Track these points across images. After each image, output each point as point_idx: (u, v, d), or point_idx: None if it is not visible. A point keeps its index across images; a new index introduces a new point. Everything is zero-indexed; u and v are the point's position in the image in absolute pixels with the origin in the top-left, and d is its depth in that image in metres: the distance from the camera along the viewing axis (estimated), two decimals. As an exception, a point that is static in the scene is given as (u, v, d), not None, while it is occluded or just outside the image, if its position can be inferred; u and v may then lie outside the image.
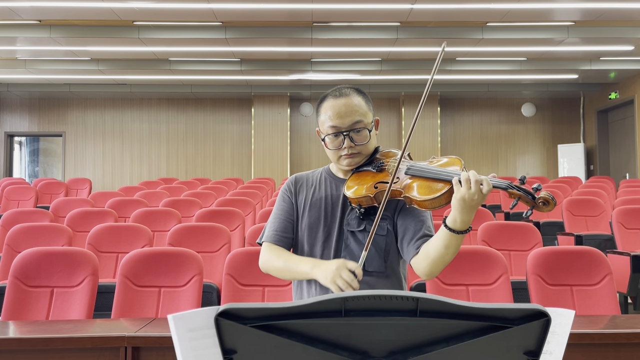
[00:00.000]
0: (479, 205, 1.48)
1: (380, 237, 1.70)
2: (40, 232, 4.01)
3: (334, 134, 1.71)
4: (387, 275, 1.71)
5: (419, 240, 1.65)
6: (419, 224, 1.68)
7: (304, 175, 1.88)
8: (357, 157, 1.74)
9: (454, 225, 1.51)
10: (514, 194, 1.48)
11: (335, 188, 1.79)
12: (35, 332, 1.98)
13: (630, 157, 11.27)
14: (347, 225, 1.72)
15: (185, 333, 0.84)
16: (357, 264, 1.54)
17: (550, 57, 9.42)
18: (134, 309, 2.74)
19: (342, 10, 7.25)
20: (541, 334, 0.84)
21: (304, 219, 1.78)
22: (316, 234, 1.75)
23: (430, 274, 1.62)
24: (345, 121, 1.70)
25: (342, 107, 1.71)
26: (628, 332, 1.95)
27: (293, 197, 1.82)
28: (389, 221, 1.72)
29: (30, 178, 14.50)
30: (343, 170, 1.80)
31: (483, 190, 1.45)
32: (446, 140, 12.90)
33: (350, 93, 1.74)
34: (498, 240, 4.01)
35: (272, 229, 1.79)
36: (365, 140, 1.73)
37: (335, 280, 1.52)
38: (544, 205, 1.46)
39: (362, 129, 1.72)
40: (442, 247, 1.54)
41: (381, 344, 0.84)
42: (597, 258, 2.88)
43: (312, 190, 1.81)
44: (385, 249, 1.71)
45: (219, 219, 4.68)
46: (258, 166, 12.38)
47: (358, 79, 10.93)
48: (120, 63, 9.79)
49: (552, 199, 1.45)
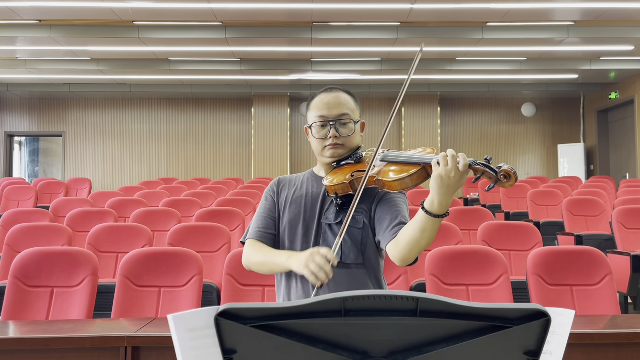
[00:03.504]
0: (457, 186, 1.48)
1: (357, 230, 1.74)
2: (40, 232, 4.01)
3: (321, 124, 1.78)
4: (365, 267, 1.75)
5: (396, 227, 1.68)
6: (394, 213, 1.72)
7: (287, 177, 1.94)
8: (341, 149, 1.79)
9: (431, 208, 1.51)
10: (478, 169, 1.51)
11: (317, 186, 1.84)
12: (35, 332, 1.98)
13: (631, 157, 11.27)
14: (325, 219, 1.77)
15: (185, 333, 0.84)
16: (330, 249, 1.56)
17: (550, 57, 9.42)
18: (134, 309, 2.74)
19: (342, 10, 7.24)
20: (541, 334, 0.84)
21: (285, 215, 1.83)
22: (296, 230, 1.79)
23: (404, 259, 1.62)
24: (333, 112, 1.78)
25: (332, 99, 1.79)
26: (628, 332, 1.95)
27: (275, 196, 1.88)
28: (366, 214, 1.76)
29: (30, 178, 14.50)
30: (325, 170, 1.85)
31: (460, 165, 1.46)
32: (446, 140, 12.90)
33: (339, 91, 1.83)
34: (498, 240, 4.01)
35: (256, 227, 1.85)
36: (350, 133, 1.78)
37: (308, 264, 1.54)
38: (506, 179, 1.48)
39: (348, 122, 1.79)
40: (418, 230, 1.54)
41: (381, 344, 0.84)
42: (597, 258, 2.88)
43: (294, 189, 1.87)
44: (362, 241, 1.74)
45: (219, 219, 4.68)
46: (258, 166, 12.38)
47: (358, 79, 10.93)
48: (120, 63, 9.79)
49: (513, 172, 1.47)
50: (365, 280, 1.74)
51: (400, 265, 1.66)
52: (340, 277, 1.70)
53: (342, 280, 1.70)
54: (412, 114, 12.43)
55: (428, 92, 12.03)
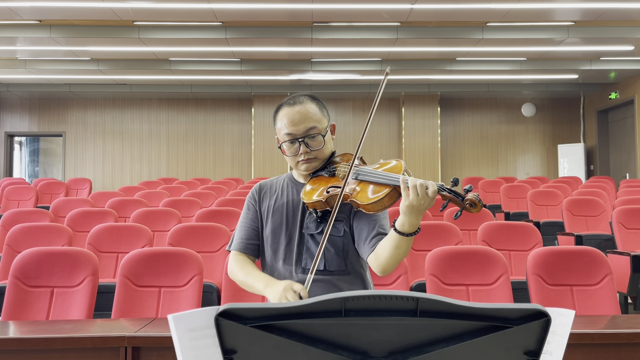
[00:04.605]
0: (426, 210, 1.54)
1: (338, 238, 1.78)
2: (40, 232, 4.01)
3: (290, 141, 1.79)
4: (348, 272, 1.79)
5: (374, 239, 1.72)
6: (372, 224, 1.75)
7: (267, 182, 1.96)
8: (314, 161, 1.82)
9: (402, 229, 1.57)
10: (445, 196, 1.55)
11: (296, 193, 1.87)
12: (35, 332, 1.98)
13: (630, 157, 11.27)
14: (307, 228, 1.80)
15: (185, 333, 0.84)
16: (302, 286, 1.61)
17: (550, 57, 9.42)
18: (134, 309, 2.74)
19: (342, 10, 7.24)
20: (541, 334, 0.84)
21: (268, 225, 1.86)
22: (279, 239, 1.83)
23: (384, 271, 1.68)
24: (300, 128, 1.78)
25: (296, 115, 1.78)
26: (628, 332, 1.95)
27: (257, 205, 1.91)
28: (346, 222, 1.79)
29: (30, 178, 14.50)
30: (303, 175, 1.88)
31: (429, 193, 1.51)
32: (446, 140, 12.90)
33: (304, 101, 1.82)
34: (498, 240, 4.01)
35: (239, 237, 1.89)
36: (320, 146, 1.80)
37: (281, 301, 1.59)
38: (471, 207, 1.52)
39: (316, 135, 1.79)
40: (392, 247, 1.61)
41: (381, 344, 0.84)
42: (597, 258, 2.88)
43: (275, 197, 1.89)
44: (343, 249, 1.78)
45: (219, 219, 4.68)
46: (258, 166, 12.38)
47: (358, 79, 10.93)
48: (120, 63, 9.79)
49: (478, 201, 1.51)
50: (350, 286, 1.79)
51: (381, 276, 1.72)
52: (326, 285, 1.75)
53: (328, 288, 1.75)
54: (412, 114, 12.42)
55: (428, 92, 12.03)
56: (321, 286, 1.74)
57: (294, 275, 1.78)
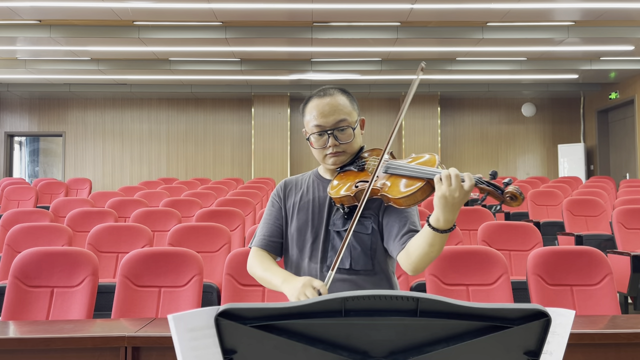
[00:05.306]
0: (461, 203, 1.47)
1: (365, 236, 1.71)
2: (40, 232, 4.01)
3: (318, 133, 1.73)
4: (375, 272, 1.72)
5: (405, 236, 1.65)
6: (403, 220, 1.68)
7: (293, 179, 1.90)
8: (342, 155, 1.75)
9: (437, 224, 1.49)
10: (483, 189, 1.47)
11: (322, 190, 1.81)
12: (35, 332, 1.98)
13: (631, 157, 11.27)
14: (333, 225, 1.74)
15: (185, 333, 0.84)
16: (322, 282, 1.55)
17: (550, 57, 9.42)
18: (134, 309, 2.74)
19: (342, 10, 7.24)
20: (541, 334, 0.84)
21: (293, 222, 1.80)
22: (304, 236, 1.77)
23: (415, 270, 1.62)
24: (329, 120, 1.72)
25: (326, 106, 1.73)
26: (628, 332, 1.95)
27: (282, 202, 1.85)
28: (374, 219, 1.73)
29: (30, 178, 14.50)
30: (330, 171, 1.82)
31: (465, 186, 1.43)
32: (446, 140, 12.90)
33: (334, 93, 1.76)
34: (498, 240, 4.01)
35: (261, 234, 1.83)
36: (349, 139, 1.74)
37: (299, 297, 1.53)
38: (512, 200, 1.44)
39: (346, 128, 1.73)
40: (426, 245, 1.53)
41: (381, 344, 0.84)
42: (597, 258, 2.88)
43: (300, 193, 1.83)
44: (371, 247, 1.71)
45: (219, 219, 4.68)
46: (258, 166, 12.38)
47: (358, 79, 10.93)
48: (120, 63, 9.79)
49: (519, 194, 1.43)
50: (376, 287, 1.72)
51: (412, 274, 1.65)
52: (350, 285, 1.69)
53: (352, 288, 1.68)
54: (412, 114, 12.42)
55: (428, 92, 12.03)
56: (344, 286, 1.67)
57: (320, 273, 1.71)
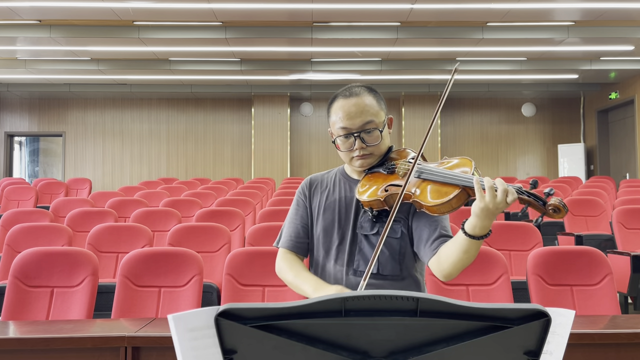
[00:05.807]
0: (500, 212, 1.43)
1: (394, 240, 1.67)
2: (40, 232, 4.01)
3: (344, 136, 1.67)
4: (403, 277, 1.68)
5: (436, 241, 1.61)
6: (433, 225, 1.64)
7: (318, 176, 1.85)
8: (370, 157, 1.70)
9: (473, 232, 1.46)
10: (524, 200, 1.41)
11: (349, 189, 1.75)
12: (35, 332, 1.98)
13: (631, 157, 11.27)
14: (360, 228, 1.69)
15: (185, 333, 0.84)
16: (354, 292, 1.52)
17: (550, 57, 9.42)
18: (134, 309, 2.74)
19: (342, 10, 7.24)
20: (541, 334, 0.84)
21: (319, 222, 1.75)
22: (331, 237, 1.72)
23: (448, 276, 1.58)
24: (356, 122, 1.66)
25: (353, 108, 1.66)
26: (628, 332, 1.95)
27: (307, 201, 1.80)
28: (403, 223, 1.68)
29: (30, 178, 14.50)
30: (357, 171, 1.77)
31: (508, 200, 1.39)
32: (446, 140, 12.90)
33: (360, 92, 1.69)
34: (498, 240, 4.01)
35: (288, 235, 1.79)
36: (377, 141, 1.68)
37: None
38: (555, 213, 1.38)
39: (373, 130, 1.67)
40: (460, 252, 1.50)
41: (381, 344, 0.84)
42: (597, 258, 2.88)
43: (327, 192, 1.78)
44: (399, 251, 1.67)
45: (219, 219, 4.67)
46: (258, 166, 12.38)
47: (358, 79, 10.93)
48: (120, 63, 9.79)
49: (563, 206, 1.37)
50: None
51: (444, 281, 1.62)
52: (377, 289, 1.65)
53: None
54: (412, 114, 12.42)
55: (428, 92, 12.03)
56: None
57: (346, 276, 1.67)
